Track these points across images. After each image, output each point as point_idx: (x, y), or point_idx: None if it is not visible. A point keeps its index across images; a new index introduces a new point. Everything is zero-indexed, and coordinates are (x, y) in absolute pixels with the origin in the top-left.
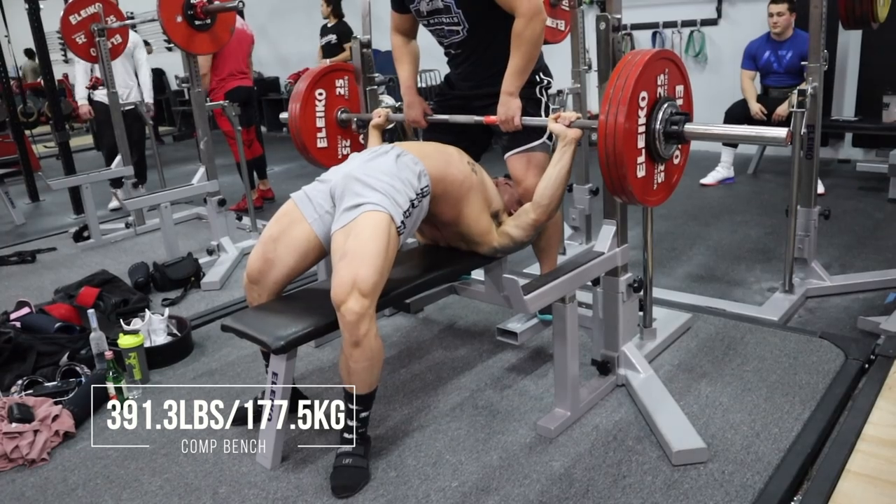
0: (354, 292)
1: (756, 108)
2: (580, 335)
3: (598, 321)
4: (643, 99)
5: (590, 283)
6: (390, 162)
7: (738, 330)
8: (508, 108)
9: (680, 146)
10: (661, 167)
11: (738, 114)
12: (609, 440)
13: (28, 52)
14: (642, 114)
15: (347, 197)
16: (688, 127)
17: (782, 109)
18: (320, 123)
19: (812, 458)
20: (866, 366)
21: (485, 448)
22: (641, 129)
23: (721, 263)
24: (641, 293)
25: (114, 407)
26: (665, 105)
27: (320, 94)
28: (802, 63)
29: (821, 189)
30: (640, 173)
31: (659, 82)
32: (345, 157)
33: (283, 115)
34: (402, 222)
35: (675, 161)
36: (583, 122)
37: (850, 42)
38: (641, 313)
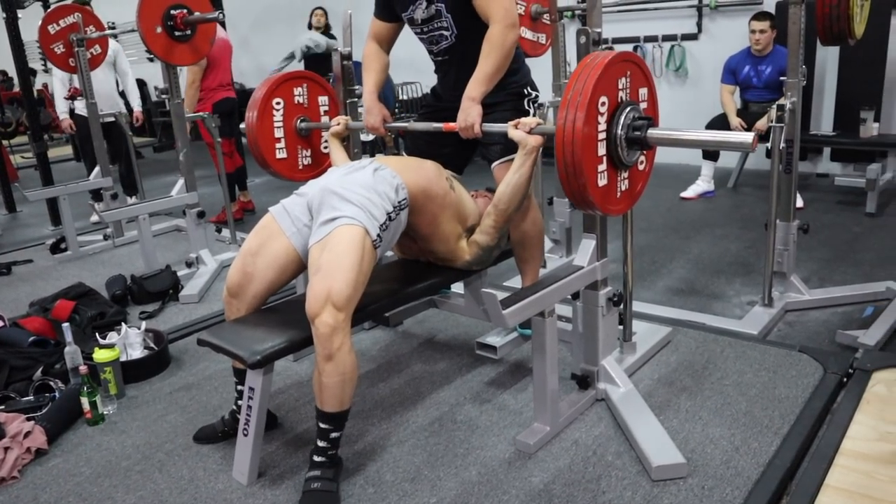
0: (328, 305)
1: (736, 122)
2: (560, 349)
3: (577, 335)
4: (603, 104)
5: (569, 297)
6: (367, 175)
7: (718, 344)
8: (468, 115)
9: (645, 152)
10: (625, 174)
11: (718, 128)
12: (588, 455)
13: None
14: (602, 119)
15: (324, 210)
16: (651, 132)
17: (762, 124)
18: (279, 133)
19: (791, 473)
20: (845, 379)
21: (463, 464)
22: (602, 134)
23: (701, 277)
24: (621, 307)
25: (88, 423)
26: (627, 109)
27: (278, 102)
28: (781, 78)
29: (800, 203)
30: (602, 182)
31: (620, 86)
32: (305, 167)
33: (243, 126)
34: (379, 235)
35: (640, 167)
36: (543, 129)
37: (828, 58)
38: (621, 327)
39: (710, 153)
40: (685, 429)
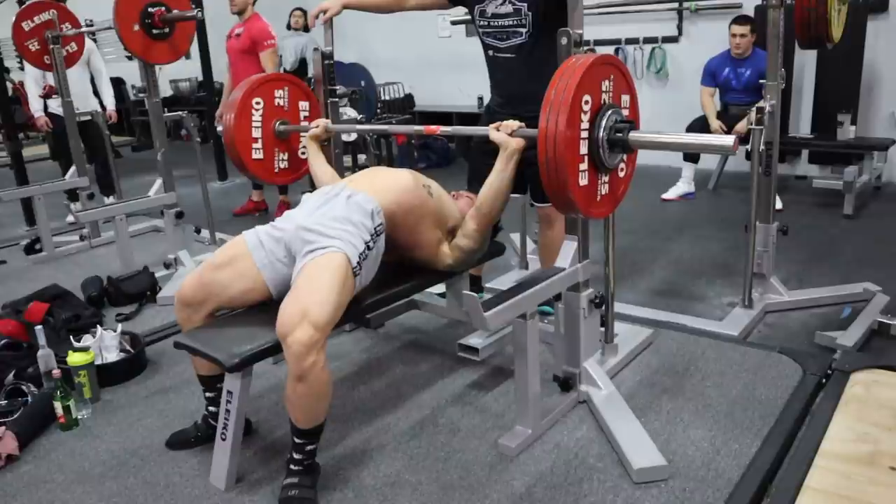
0: (304, 322)
1: (716, 124)
2: (542, 351)
3: (559, 337)
4: (586, 103)
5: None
6: (341, 205)
7: (699, 345)
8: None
9: (625, 157)
10: (606, 178)
11: (698, 130)
12: (570, 458)
13: None
14: (585, 118)
15: (304, 247)
16: (632, 135)
17: (741, 126)
18: (256, 134)
19: (771, 474)
20: (823, 380)
21: (444, 467)
22: (584, 133)
23: (682, 278)
24: (603, 309)
25: (61, 428)
26: (609, 112)
27: (257, 102)
28: (761, 81)
29: (779, 205)
30: (583, 181)
31: (603, 88)
32: (282, 170)
33: (220, 129)
34: (359, 264)
35: (621, 174)
36: (524, 132)
37: (807, 61)
38: (603, 329)
39: (691, 155)
40: (666, 430)
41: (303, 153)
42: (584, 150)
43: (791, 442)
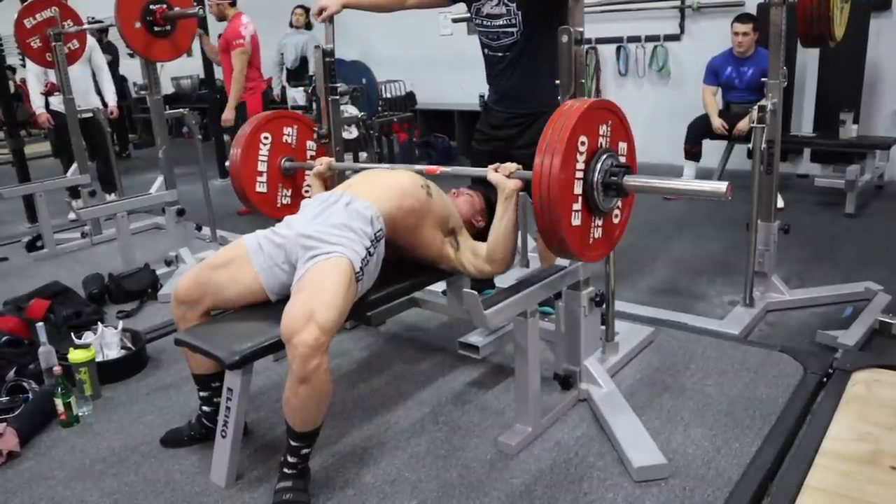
0: (311, 324)
1: (718, 122)
2: (542, 349)
3: (560, 335)
4: (583, 144)
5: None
6: (340, 213)
7: (700, 344)
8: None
9: (621, 202)
10: (600, 221)
11: (700, 127)
12: (570, 456)
13: None
14: (581, 159)
15: (305, 253)
16: (627, 179)
17: (743, 125)
18: (262, 168)
19: (772, 474)
20: (824, 379)
21: (444, 465)
22: (579, 174)
23: (683, 277)
24: (604, 307)
25: (62, 424)
26: (605, 156)
27: (266, 137)
28: (763, 79)
29: (780, 204)
30: (576, 221)
31: (601, 132)
32: (284, 206)
33: (228, 163)
34: (361, 269)
35: (616, 219)
36: (522, 174)
37: (809, 60)
38: (604, 327)
39: (693, 154)
40: (667, 429)
41: (307, 191)
42: (578, 190)
43: (792, 441)
